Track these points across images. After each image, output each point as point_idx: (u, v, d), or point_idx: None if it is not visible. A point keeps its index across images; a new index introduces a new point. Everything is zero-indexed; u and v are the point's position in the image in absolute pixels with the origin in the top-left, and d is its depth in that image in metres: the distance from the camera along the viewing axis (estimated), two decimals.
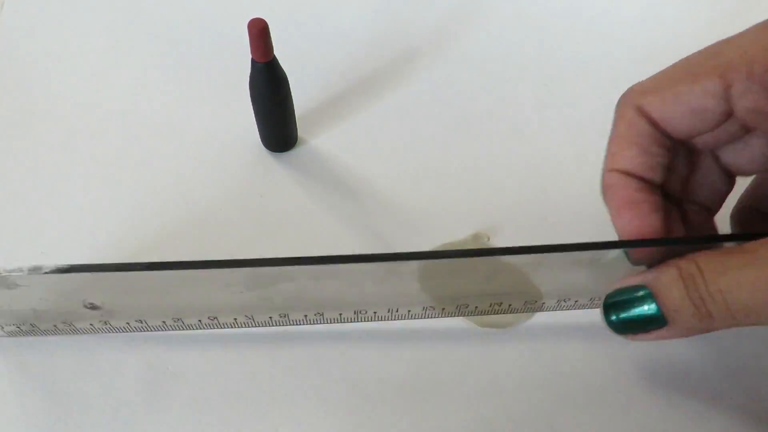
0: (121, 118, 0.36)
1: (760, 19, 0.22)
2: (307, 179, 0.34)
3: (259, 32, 0.28)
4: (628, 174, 0.22)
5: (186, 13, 0.42)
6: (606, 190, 0.23)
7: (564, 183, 0.34)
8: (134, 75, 0.38)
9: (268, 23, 0.28)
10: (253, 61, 0.29)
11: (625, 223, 0.22)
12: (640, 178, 0.22)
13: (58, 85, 0.38)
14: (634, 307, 0.21)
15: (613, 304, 0.22)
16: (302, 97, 0.37)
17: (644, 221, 0.22)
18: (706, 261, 0.19)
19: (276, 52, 0.30)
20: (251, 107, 0.32)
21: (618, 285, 0.22)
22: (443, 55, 0.39)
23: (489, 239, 0.31)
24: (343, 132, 0.36)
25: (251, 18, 0.28)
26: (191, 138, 0.35)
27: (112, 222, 0.31)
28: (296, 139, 0.35)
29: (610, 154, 0.23)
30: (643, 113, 0.21)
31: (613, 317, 0.22)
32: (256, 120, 0.33)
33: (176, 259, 0.30)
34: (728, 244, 0.21)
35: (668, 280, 0.20)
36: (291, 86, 0.32)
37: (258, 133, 0.34)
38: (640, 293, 0.21)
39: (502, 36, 0.40)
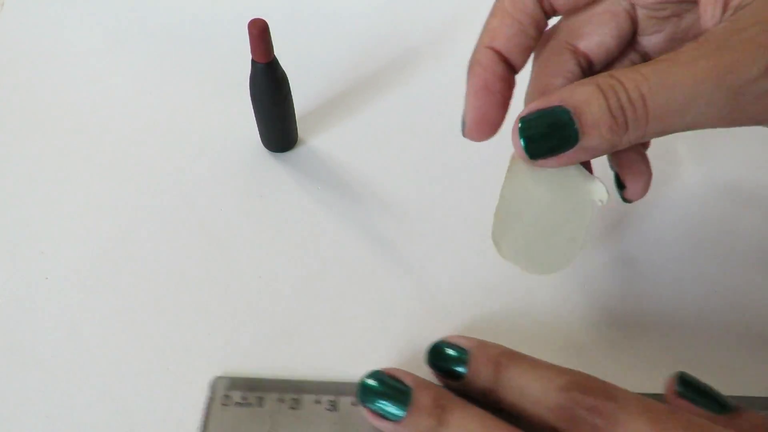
0: (121, 118, 0.36)
1: None
2: (307, 179, 0.34)
3: (259, 32, 0.28)
4: (500, 54, 0.23)
5: (186, 14, 0.42)
6: (474, 64, 0.23)
7: None
8: (134, 75, 0.38)
9: (268, 23, 0.28)
10: (253, 61, 0.29)
11: (476, 106, 0.23)
12: (507, 62, 0.23)
13: (57, 85, 0.38)
14: (550, 127, 0.20)
15: (528, 126, 0.21)
16: (302, 97, 0.37)
17: (490, 112, 0.23)
18: (623, 73, 0.20)
19: (276, 52, 0.30)
20: (251, 107, 0.32)
21: (534, 106, 0.21)
22: (443, 55, 0.39)
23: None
24: (343, 132, 0.36)
25: (251, 18, 0.28)
26: (191, 138, 0.35)
27: (111, 222, 0.31)
28: (296, 139, 0.35)
29: (490, 28, 0.23)
30: None
31: (527, 139, 0.21)
32: (256, 120, 0.33)
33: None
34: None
35: (587, 95, 0.20)
36: (291, 86, 0.32)
37: (258, 133, 0.34)
38: (557, 113, 0.20)
39: None
